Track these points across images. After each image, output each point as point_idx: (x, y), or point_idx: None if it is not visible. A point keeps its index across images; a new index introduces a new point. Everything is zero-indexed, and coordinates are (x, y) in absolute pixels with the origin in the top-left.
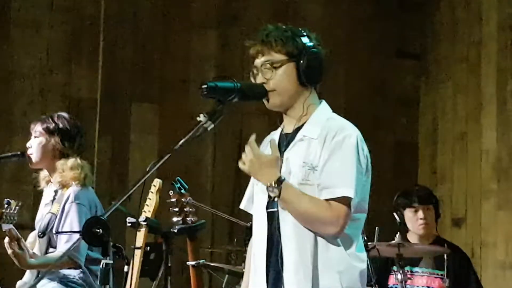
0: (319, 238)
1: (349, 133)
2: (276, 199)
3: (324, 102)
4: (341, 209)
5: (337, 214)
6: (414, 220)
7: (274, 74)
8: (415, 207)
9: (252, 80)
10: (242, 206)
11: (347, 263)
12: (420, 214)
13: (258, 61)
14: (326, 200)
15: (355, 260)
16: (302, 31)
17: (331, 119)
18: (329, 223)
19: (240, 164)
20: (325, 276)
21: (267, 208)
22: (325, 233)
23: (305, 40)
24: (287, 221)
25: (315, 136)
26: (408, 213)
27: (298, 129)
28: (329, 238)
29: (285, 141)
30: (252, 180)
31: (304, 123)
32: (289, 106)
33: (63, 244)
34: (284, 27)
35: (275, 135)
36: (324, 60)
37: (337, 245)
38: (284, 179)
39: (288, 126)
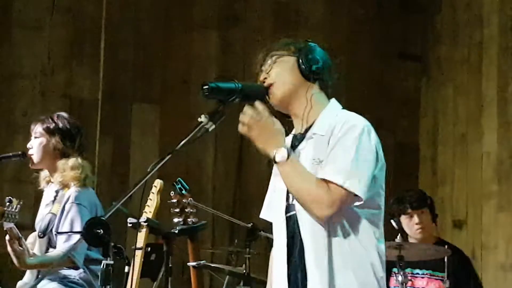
0: (333, 238)
1: (354, 123)
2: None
3: (333, 100)
4: (338, 193)
5: (334, 198)
6: (410, 225)
7: (275, 66)
8: (409, 213)
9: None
10: (262, 215)
11: (361, 260)
12: (415, 219)
13: (264, 65)
14: (322, 179)
15: (370, 256)
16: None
17: (340, 115)
18: (326, 205)
19: (240, 127)
20: (341, 274)
21: (286, 212)
22: (318, 214)
23: (302, 40)
24: (304, 224)
25: (324, 132)
26: (404, 220)
27: (308, 129)
28: (344, 236)
29: (297, 142)
30: (270, 188)
31: (314, 122)
32: (291, 101)
33: (61, 244)
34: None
35: (287, 138)
36: (326, 55)
37: (352, 243)
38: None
39: (297, 126)
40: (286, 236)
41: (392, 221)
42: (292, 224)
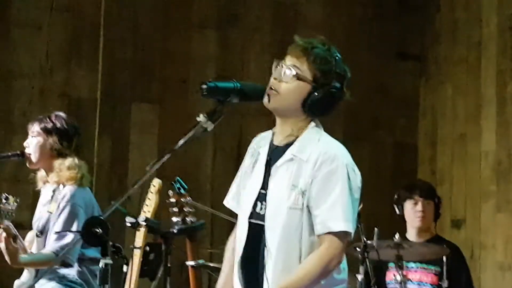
0: (303, 253)
1: (340, 162)
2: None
3: (316, 121)
4: (338, 243)
5: (334, 250)
6: (412, 212)
7: (290, 82)
8: (415, 199)
9: (273, 67)
10: (225, 203)
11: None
12: (419, 206)
13: (290, 60)
14: (324, 234)
15: (335, 272)
16: (341, 61)
17: (323, 142)
18: (334, 264)
19: None
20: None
21: (249, 217)
22: (337, 264)
23: (338, 70)
24: (275, 240)
25: (305, 158)
26: (408, 205)
27: (288, 145)
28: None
29: (275, 156)
30: (237, 179)
31: (295, 140)
32: (282, 116)
33: (52, 243)
34: (329, 47)
35: (264, 140)
36: (338, 103)
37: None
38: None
39: (278, 135)
40: (245, 240)
41: (395, 205)
42: (256, 233)
